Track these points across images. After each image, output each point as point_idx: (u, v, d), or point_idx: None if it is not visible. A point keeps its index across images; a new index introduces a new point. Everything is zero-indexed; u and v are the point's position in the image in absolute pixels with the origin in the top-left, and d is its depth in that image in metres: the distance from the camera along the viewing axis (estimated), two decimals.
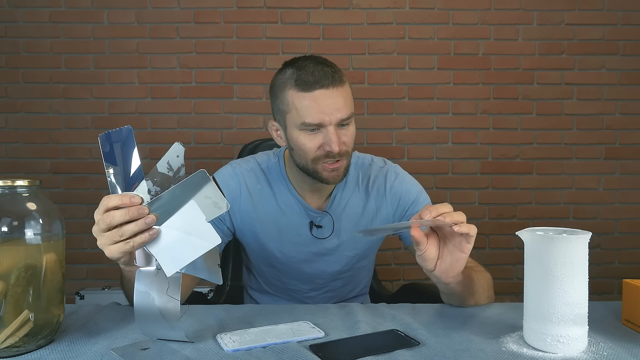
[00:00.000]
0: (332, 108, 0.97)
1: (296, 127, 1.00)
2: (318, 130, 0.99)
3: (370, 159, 1.20)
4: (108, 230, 0.70)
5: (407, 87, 2.39)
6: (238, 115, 2.38)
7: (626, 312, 0.85)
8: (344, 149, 1.00)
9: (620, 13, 2.38)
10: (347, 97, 1.00)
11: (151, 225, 0.69)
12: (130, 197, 0.69)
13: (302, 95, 0.97)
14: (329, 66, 1.00)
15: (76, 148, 2.36)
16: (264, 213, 1.11)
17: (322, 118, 0.97)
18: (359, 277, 1.23)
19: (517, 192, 2.42)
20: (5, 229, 0.70)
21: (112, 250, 0.71)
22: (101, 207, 0.70)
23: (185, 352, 0.72)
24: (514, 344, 0.75)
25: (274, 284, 1.21)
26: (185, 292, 1.02)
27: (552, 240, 0.71)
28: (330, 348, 0.74)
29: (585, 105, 2.40)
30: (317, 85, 0.96)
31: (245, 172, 1.13)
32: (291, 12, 2.36)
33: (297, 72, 0.98)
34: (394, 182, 1.15)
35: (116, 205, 0.69)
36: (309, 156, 1.01)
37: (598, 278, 2.40)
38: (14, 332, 0.68)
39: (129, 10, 2.34)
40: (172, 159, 0.72)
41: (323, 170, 1.02)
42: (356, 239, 1.15)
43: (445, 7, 2.37)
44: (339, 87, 0.98)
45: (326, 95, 0.97)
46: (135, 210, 0.68)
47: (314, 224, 1.12)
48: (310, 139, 1.00)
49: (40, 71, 2.34)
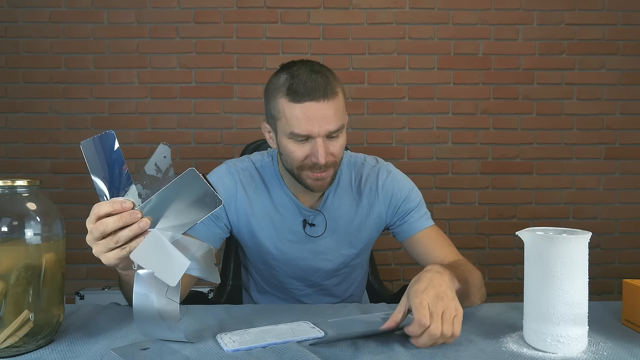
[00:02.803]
0: (322, 120, 0.97)
1: (285, 134, 1.01)
2: (306, 140, 0.99)
3: (363, 158, 1.21)
4: (102, 239, 0.69)
5: (407, 87, 2.39)
6: (238, 115, 2.38)
7: (626, 312, 0.85)
8: (331, 159, 1.01)
9: (620, 13, 2.38)
10: (338, 109, 0.99)
11: (146, 229, 0.68)
12: (120, 203, 0.68)
13: (293, 105, 0.97)
14: (323, 76, 0.99)
15: (76, 148, 2.36)
16: (260, 211, 1.13)
17: (311, 130, 0.97)
18: (352, 275, 1.24)
19: (517, 192, 2.42)
20: (5, 229, 0.70)
21: (109, 257, 0.70)
22: (92, 215, 0.69)
23: (185, 352, 0.72)
24: (514, 344, 0.75)
25: (270, 282, 1.22)
26: (185, 291, 1.03)
27: (552, 240, 0.71)
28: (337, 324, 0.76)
29: (585, 105, 2.40)
30: (307, 97, 0.96)
31: (241, 171, 1.14)
32: (291, 12, 2.36)
33: (290, 80, 0.98)
34: (386, 180, 1.16)
35: (107, 213, 0.68)
36: (294, 164, 1.02)
37: (598, 278, 2.40)
38: (14, 332, 0.68)
39: (129, 10, 2.34)
40: (160, 160, 0.71)
41: (307, 178, 1.03)
42: (350, 238, 1.16)
43: (445, 7, 2.37)
44: (330, 100, 0.98)
45: (316, 108, 0.96)
46: (127, 216, 0.67)
47: (307, 222, 1.14)
48: (298, 147, 1.00)
49: (40, 71, 2.34)
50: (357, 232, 1.16)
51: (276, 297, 1.23)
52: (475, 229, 2.40)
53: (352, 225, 1.15)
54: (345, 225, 1.15)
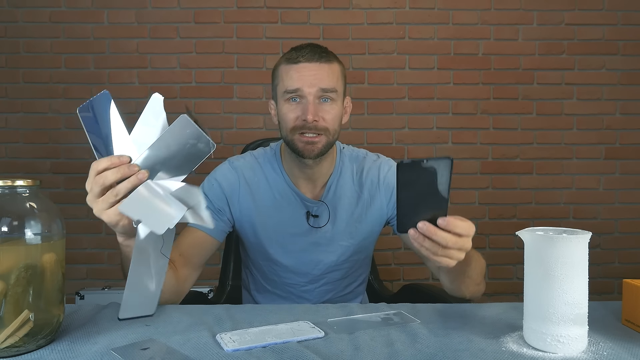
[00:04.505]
0: (313, 78, 1.05)
1: (281, 97, 1.08)
2: (300, 101, 1.06)
3: (365, 152, 1.25)
4: (102, 195, 0.71)
5: (407, 87, 2.39)
6: (238, 115, 2.38)
7: (626, 312, 0.85)
8: (322, 123, 1.06)
9: (620, 13, 2.38)
10: (332, 73, 1.07)
11: (144, 180, 0.70)
12: (118, 157, 0.70)
13: (289, 66, 1.07)
14: (322, 49, 1.09)
15: (76, 148, 2.36)
16: (262, 205, 1.15)
17: (301, 85, 1.04)
18: (356, 272, 1.25)
19: (517, 192, 2.42)
20: (5, 229, 0.70)
21: (110, 214, 0.72)
22: (91, 172, 0.71)
23: (185, 351, 0.72)
24: (514, 344, 0.75)
25: (270, 279, 1.22)
26: (183, 288, 1.06)
27: (552, 240, 0.71)
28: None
29: (585, 105, 2.40)
30: (302, 58, 1.06)
31: (243, 166, 1.18)
32: (291, 12, 2.36)
33: (291, 51, 1.10)
34: (387, 173, 1.19)
35: (106, 167, 0.70)
36: (288, 125, 1.07)
37: (598, 278, 2.40)
38: (14, 332, 0.68)
39: (129, 10, 2.34)
40: (153, 111, 0.72)
41: (298, 142, 1.07)
42: (350, 229, 1.18)
43: (445, 7, 2.38)
44: (324, 63, 1.06)
45: (309, 68, 1.05)
46: (125, 168, 0.70)
47: (311, 214, 1.16)
48: (291, 108, 1.07)
49: (40, 71, 2.34)
50: (357, 224, 1.17)
51: (276, 296, 1.23)
52: (475, 229, 2.40)
53: (353, 217, 1.17)
54: (346, 217, 1.17)
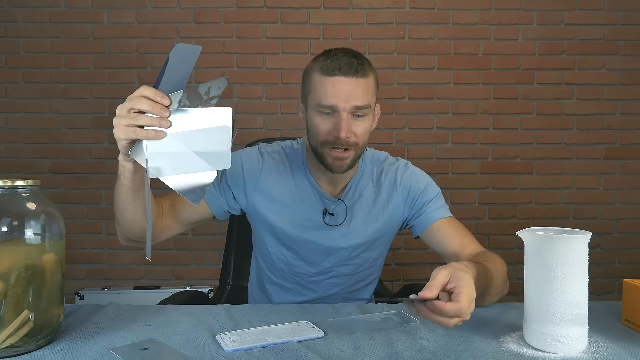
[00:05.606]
0: (348, 95, 1.02)
1: (313, 108, 1.06)
2: (332, 115, 1.04)
3: (386, 155, 1.27)
4: (129, 112, 0.77)
5: (407, 87, 2.39)
6: (238, 115, 2.38)
7: (626, 312, 0.85)
8: (353, 139, 1.04)
9: (620, 13, 2.38)
10: (366, 88, 1.05)
11: (163, 128, 0.76)
12: (161, 96, 0.77)
13: (323, 78, 1.03)
14: (358, 58, 1.06)
15: (76, 148, 2.36)
16: (281, 194, 1.16)
17: (336, 102, 1.02)
18: (366, 271, 1.25)
19: (517, 192, 2.42)
20: (5, 229, 0.70)
21: (120, 129, 0.78)
22: (137, 92, 0.78)
23: (185, 351, 0.72)
24: (514, 344, 0.75)
25: (278, 268, 1.22)
26: (162, 230, 1.09)
27: (552, 240, 0.71)
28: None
29: (585, 105, 2.40)
30: (338, 71, 1.02)
31: (269, 153, 1.19)
32: (291, 12, 2.36)
33: (326, 59, 1.05)
34: (404, 174, 1.21)
35: (147, 96, 0.77)
36: (319, 138, 1.06)
37: (598, 278, 2.40)
38: (14, 332, 0.68)
39: (129, 10, 2.34)
40: (214, 87, 0.80)
41: (328, 156, 1.06)
42: (365, 227, 1.18)
43: (445, 7, 2.37)
44: (359, 78, 1.04)
45: (345, 82, 1.02)
46: (158, 107, 0.76)
47: (328, 212, 1.16)
48: (323, 122, 1.05)
49: (40, 71, 2.34)
50: (374, 222, 1.18)
51: (281, 288, 1.23)
52: (475, 229, 2.40)
53: (370, 216, 1.18)
54: (362, 216, 1.17)
